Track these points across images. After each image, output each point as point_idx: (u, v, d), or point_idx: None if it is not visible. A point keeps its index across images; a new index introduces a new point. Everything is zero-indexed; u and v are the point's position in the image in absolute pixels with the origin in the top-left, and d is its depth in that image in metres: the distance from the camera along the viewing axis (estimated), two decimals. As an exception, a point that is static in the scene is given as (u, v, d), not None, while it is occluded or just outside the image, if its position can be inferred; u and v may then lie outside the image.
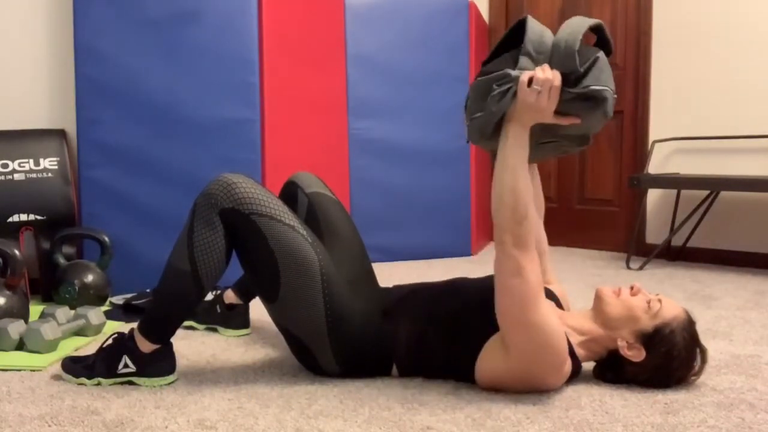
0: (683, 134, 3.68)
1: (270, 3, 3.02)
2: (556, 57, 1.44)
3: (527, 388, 1.56)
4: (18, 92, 2.93)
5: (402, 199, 3.68)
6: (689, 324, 1.58)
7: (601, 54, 1.46)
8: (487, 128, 1.50)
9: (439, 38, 3.73)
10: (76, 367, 1.69)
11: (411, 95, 3.68)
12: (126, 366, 1.65)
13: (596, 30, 1.50)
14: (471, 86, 1.54)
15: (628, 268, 3.47)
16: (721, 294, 2.80)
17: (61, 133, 2.91)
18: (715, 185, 3.16)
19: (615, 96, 1.47)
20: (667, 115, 3.74)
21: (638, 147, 3.85)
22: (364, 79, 3.58)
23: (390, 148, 3.65)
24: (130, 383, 1.67)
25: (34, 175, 2.79)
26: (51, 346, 1.94)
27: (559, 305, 1.71)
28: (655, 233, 3.81)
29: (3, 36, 2.90)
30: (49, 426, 1.42)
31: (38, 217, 2.76)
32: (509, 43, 1.53)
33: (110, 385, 1.66)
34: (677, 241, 3.70)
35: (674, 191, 3.72)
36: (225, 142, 2.91)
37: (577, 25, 1.45)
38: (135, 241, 2.81)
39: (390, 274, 3.23)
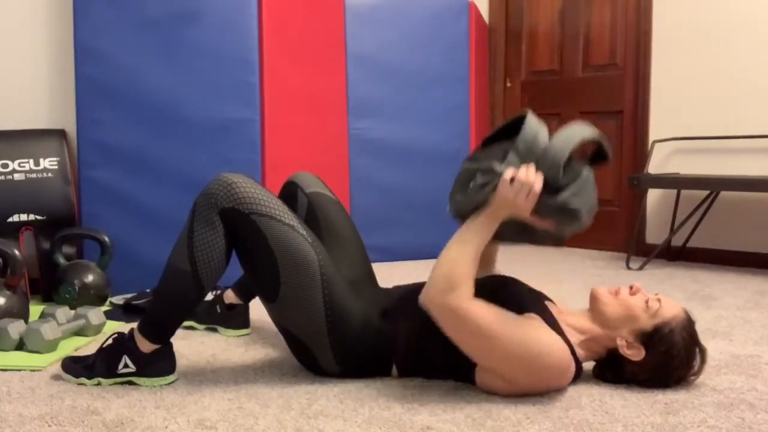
0: (683, 134, 3.68)
1: (270, 3, 3.02)
2: (542, 162, 1.48)
3: (534, 393, 1.57)
4: (18, 92, 2.93)
5: (402, 199, 3.68)
6: (689, 323, 1.58)
7: (586, 172, 1.50)
8: (465, 212, 1.56)
9: (439, 38, 3.73)
10: (76, 367, 1.69)
11: (411, 95, 3.68)
12: (126, 366, 1.65)
13: (598, 143, 1.54)
14: (460, 169, 1.59)
15: (628, 268, 3.47)
16: (721, 294, 2.80)
17: (61, 133, 2.91)
18: (715, 185, 3.16)
19: (595, 209, 1.54)
20: (667, 115, 3.74)
21: (638, 147, 3.85)
22: (364, 79, 3.58)
23: (390, 148, 3.65)
24: (130, 383, 1.67)
25: (34, 175, 2.79)
26: (51, 346, 1.94)
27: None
28: (655, 233, 3.81)
29: (3, 36, 2.90)
30: (49, 426, 1.42)
31: (38, 217, 2.76)
32: (510, 129, 1.58)
33: (110, 385, 1.66)
34: (677, 241, 3.70)
35: (674, 191, 3.72)
36: (225, 142, 2.91)
37: (572, 137, 1.48)
38: (135, 241, 2.81)
39: (390, 274, 3.23)
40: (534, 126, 1.51)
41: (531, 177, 1.45)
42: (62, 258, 2.67)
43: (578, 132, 1.49)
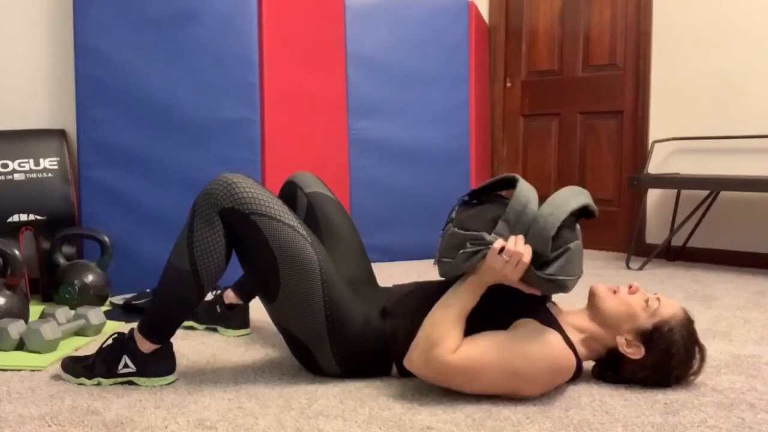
0: (683, 134, 3.68)
1: (270, 3, 3.02)
2: (532, 231, 1.49)
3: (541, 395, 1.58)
4: (18, 92, 2.93)
5: (402, 199, 3.68)
6: (688, 322, 1.59)
7: (574, 245, 1.51)
8: (451, 275, 1.58)
9: (439, 38, 3.73)
10: (76, 367, 1.69)
11: (411, 95, 3.68)
12: (126, 366, 1.65)
13: (585, 206, 1.55)
14: (448, 232, 1.58)
15: (628, 268, 3.47)
16: (721, 294, 2.80)
17: (61, 133, 2.91)
18: (715, 185, 3.16)
19: (580, 276, 1.55)
20: (667, 115, 3.74)
21: (638, 147, 3.85)
22: (364, 79, 3.58)
23: (390, 148, 3.65)
24: (130, 383, 1.67)
25: (34, 175, 2.79)
26: (51, 346, 1.94)
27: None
28: (655, 233, 3.81)
29: (3, 36, 2.90)
30: (49, 426, 1.42)
31: (38, 217, 2.76)
32: (500, 185, 1.61)
33: (110, 385, 1.66)
34: (677, 241, 3.70)
35: (674, 191, 3.72)
36: (225, 142, 2.91)
37: (562, 208, 1.49)
38: (135, 241, 2.81)
39: (390, 274, 3.23)
40: (525, 193, 1.52)
41: (520, 248, 1.46)
42: (62, 258, 2.67)
43: (568, 202, 1.51)
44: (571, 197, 1.53)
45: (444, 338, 1.49)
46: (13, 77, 2.92)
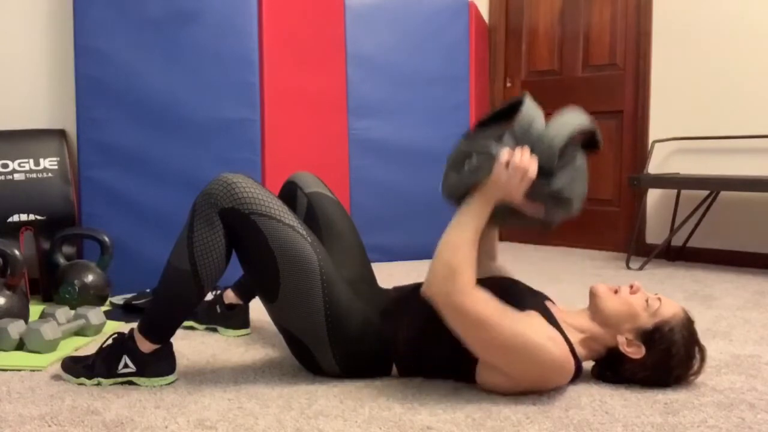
0: (683, 134, 3.68)
1: (270, 3, 3.02)
2: (538, 148, 1.48)
3: (534, 390, 1.57)
4: (18, 92, 2.93)
5: (402, 199, 3.68)
6: (688, 322, 1.59)
7: (579, 161, 1.50)
8: (458, 192, 1.57)
9: (439, 38, 3.73)
10: (76, 367, 1.68)
11: (411, 95, 3.68)
12: (126, 366, 1.65)
13: (590, 131, 1.54)
14: (455, 148, 1.58)
15: (628, 268, 3.47)
16: (721, 294, 2.80)
17: (61, 133, 2.91)
18: (715, 185, 3.16)
19: (585, 196, 1.54)
20: (667, 115, 3.74)
21: (638, 147, 3.85)
22: (364, 79, 3.58)
23: (390, 148, 3.65)
24: (130, 383, 1.67)
25: (34, 175, 2.79)
26: (51, 346, 1.94)
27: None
28: (655, 233, 3.81)
29: (3, 36, 2.90)
30: (49, 426, 1.42)
31: (38, 217, 2.76)
32: (507, 112, 1.59)
33: (110, 385, 1.66)
34: (677, 241, 3.70)
35: (674, 191, 3.72)
36: (225, 142, 2.91)
37: (568, 124, 1.49)
38: (135, 241, 2.81)
39: (390, 274, 3.23)
40: (531, 110, 1.51)
41: (526, 161, 1.46)
42: (62, 258, 2.67)
43: (574, 120, 1.50)
44: (578, 116, 1.51)
45: (464, 266, 1.48)
46: (13, 77, 2.92)
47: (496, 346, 1.48)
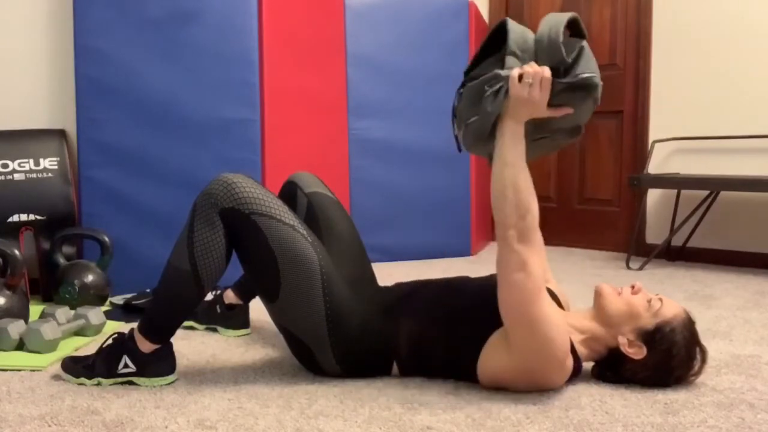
0: (683, 134, 3.68)
1: (270, 3, 3.02)
2: (541, 52, 1.47)
3: (530, 386, 1.56)
4: (18, 92, 2.93)
5: (402, 199, 3.68)
6: (689, 323, 1.59)
7: (584, 44, 1.49)
8: (484, 130, 1.52)
9: (439, 38, 3.73)
10: (76, 367, 1.69)
11: (411, 95, 3.68)
12: (126, 366, 1.65)
13: (572, 24, 1.52)
14: (460, 93, 1.55)
15: (628, 268, 3.47)
16: (721, 294, 2.80)
17: (61, 133, 2.91)
18: (715, 185, 3.16)
19: (601, 83, 1.52)
20: (667, 115, 3.74)
21: (638, 147, 3.85)
22: (364, 79, 3.58)
23: (390, 148, 3.65)
24: (130, 383, 1.67)
25: (34, 175, 2.79)
26: (51, 346, 1.94)
27: (559, 304, 1.71)
28: (655, 233, 3.81)
29: (3, 36, 2.90)
30: (49, 426, 1.42)
31: (38, 217, 2.76)
32: (489, 49, 1.56)
33: (110, 385, 1.66)
34: (677, 241, 3.70)
35: (674, 191, 3.72)
36: (225, 142, 2.91)
37: (556, 21, 1.48)
38: (135, 241, 2.81)
39: (390, 274, 3.23)
40: (518, 26, 1.51)
41: (537, 67, 1.44)
42: (62, 258, 2.67)
43: (559, 17, 1.49)
44: (561, 14, 1.51)
45: (533, 204, 1.46)
46: (13, 77, 2.92)
47: (523, 311, 1.46)
